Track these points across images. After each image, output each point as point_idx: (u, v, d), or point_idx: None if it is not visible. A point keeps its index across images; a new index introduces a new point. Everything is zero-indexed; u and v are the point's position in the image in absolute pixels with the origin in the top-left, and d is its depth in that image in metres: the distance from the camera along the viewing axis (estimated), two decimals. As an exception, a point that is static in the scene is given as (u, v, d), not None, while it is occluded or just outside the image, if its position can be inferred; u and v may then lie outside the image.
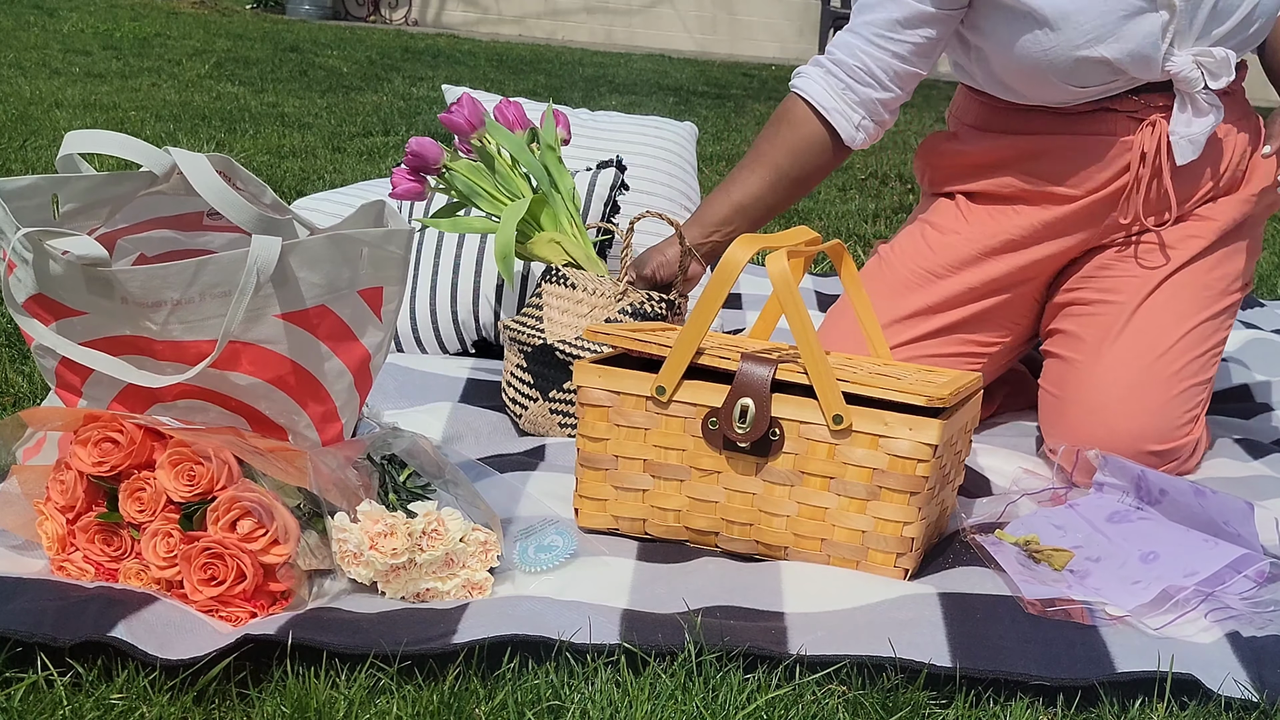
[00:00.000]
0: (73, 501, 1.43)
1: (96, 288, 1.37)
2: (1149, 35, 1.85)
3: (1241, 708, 1.32)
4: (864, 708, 1.30)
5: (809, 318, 1.52)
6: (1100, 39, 1.85)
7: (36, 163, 3.86)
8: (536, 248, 2.03)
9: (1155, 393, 1.91)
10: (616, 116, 2.68)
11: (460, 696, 1.27)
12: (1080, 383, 1.95)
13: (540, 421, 1.99)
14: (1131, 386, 1.91)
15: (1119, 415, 1.90)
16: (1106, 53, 1.86)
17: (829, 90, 1.96)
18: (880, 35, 1.93)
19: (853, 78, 1.95)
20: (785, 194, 2.00)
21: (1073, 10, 1.84)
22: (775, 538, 1.58)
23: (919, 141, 5.82)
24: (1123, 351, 1.94)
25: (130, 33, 7.56)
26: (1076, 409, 1.93)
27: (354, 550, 1.42)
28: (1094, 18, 1.84)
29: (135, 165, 3.96)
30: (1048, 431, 1.99)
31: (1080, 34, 1.85)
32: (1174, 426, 1.91)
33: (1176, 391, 1.92)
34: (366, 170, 4.21)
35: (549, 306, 1.98)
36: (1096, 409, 1.91)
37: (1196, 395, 1.94)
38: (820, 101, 1.96)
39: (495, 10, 11.15)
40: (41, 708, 1.22)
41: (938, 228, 2.07)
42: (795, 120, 1.98)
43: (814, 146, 1.98)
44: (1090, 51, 1.86)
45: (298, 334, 1.42)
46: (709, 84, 7.75)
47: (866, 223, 3.93)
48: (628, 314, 1.96)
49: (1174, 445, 1.91)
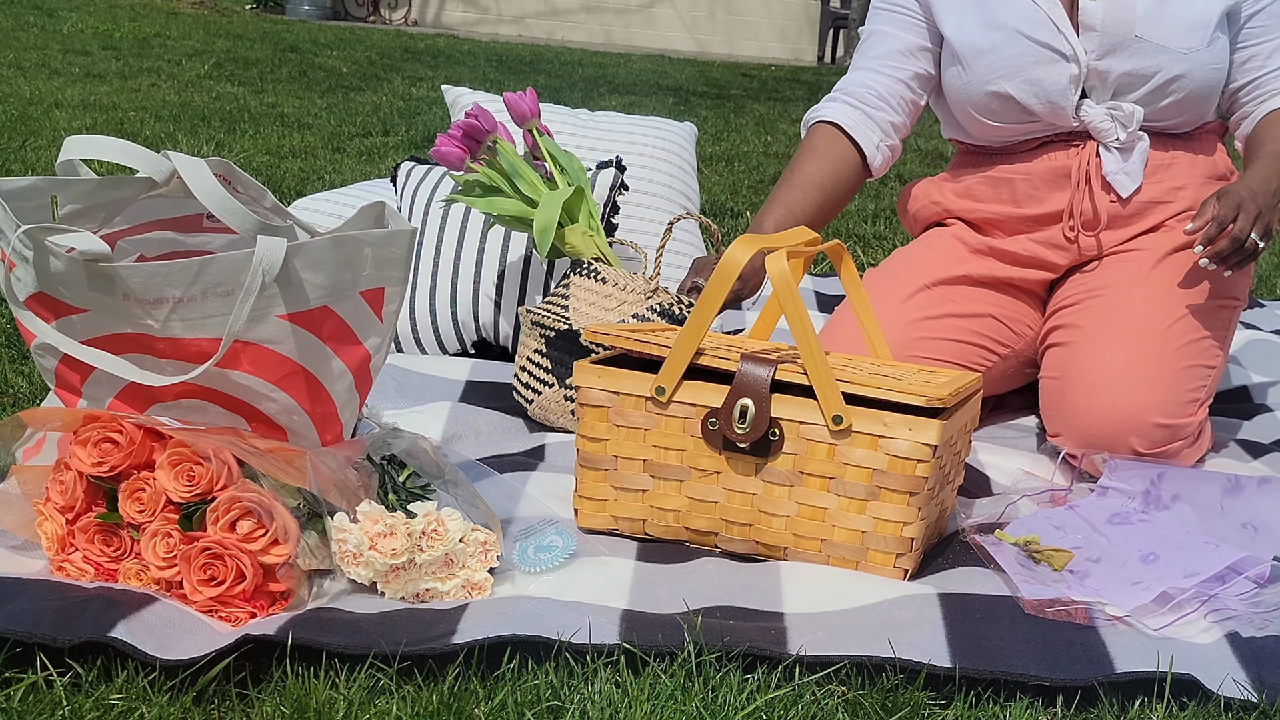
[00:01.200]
0: (72, 502, 1.43)
1: (98, 284, 1.37)
2: (1057, 83, 2.01)
3: (1241, 708, 1.32)
4: (864, 708, 1.30)
5: (809, 318, 1.52)
6: (1007, 77, 2.02)
7: (36, 163, 3.86)
8: (571, 236, 2.07)
9: (1157, 367, 1.92)
10: (616, 117, 2.68)
11: (460, 697, 1.27)
12: (1081, 363, 1.95)
13: (551, 409, 2.00)
14: (1133, 361, 1.92)
15: (1121, 390, 1.91)
16: (1012, 90, 2.02)
17: (850, 116, 2.13)
18: (884, 64, 2.13)
19: (867, 104, 2.13)
20: (825, 214, 2.12)
21: (989, 47, 2.02)
22: (775, 538, 1.58)
23: (918, 142, 5.83)
24: (1121, 330, 1.96)
25: (130, 33, 7.56)
26: (1079, 389, 1.94)
27: (354, 550, 1.42)
28: (1005, 57, 2.02)
29: (134, 170, 3.96)
30: (1050, 418, 1.99)
31: (990, 70, 2.03)
32: (1178, 402, 1.91)
33: (1179, 368, 1.93)
34: (366, 170, 4.21)
35: (576, 298, 2.01)
36: (1099, 386, 1.92)
37: (1200, 376, 1.95)
38: (845, 124, 2.12)
39: (495, 10, 11.15)
40: (41, 708, 1.22)
41: (932, 238, 2.18)
42: (823, 145, 2.12)
43: (847, 166, 2.12)
44: (997, 87, 2.03)
45: (300, 334, 1.42)
46: (709, 84, 7.75)
47: (866, 223, 3.93)
48: (656, 313, 1.98)
49: (1179, 421, 1.91)
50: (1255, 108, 2.07)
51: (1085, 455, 1.92)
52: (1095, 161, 2.05)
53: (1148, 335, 1.94)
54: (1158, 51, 1.98)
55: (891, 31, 2.13)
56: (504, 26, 11.07)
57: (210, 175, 1.40)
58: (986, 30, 2.03)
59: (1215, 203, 1.85)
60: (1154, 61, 1.98)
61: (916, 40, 2.12)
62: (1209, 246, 1.84)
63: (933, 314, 2.06)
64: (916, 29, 2.12)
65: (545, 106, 2.70)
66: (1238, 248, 1.85)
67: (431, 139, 4.99)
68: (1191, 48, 1.98)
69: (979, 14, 2.04)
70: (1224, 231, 1.84)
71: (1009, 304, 2.11)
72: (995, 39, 2.02)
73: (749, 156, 5.18)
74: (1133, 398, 1.90)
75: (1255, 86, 2.06)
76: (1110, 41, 1.98)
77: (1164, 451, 1.91)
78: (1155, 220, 2.08)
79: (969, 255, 2.13)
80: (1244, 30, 2.04)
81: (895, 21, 2.13)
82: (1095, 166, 2.05)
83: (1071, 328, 2.02)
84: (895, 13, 2.14)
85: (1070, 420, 1.94)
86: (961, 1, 2.07)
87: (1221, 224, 1.84)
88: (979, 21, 2.04)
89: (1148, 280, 2.01)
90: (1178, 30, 1.98)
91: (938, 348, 2.04)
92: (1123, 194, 2.04)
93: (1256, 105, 2.07)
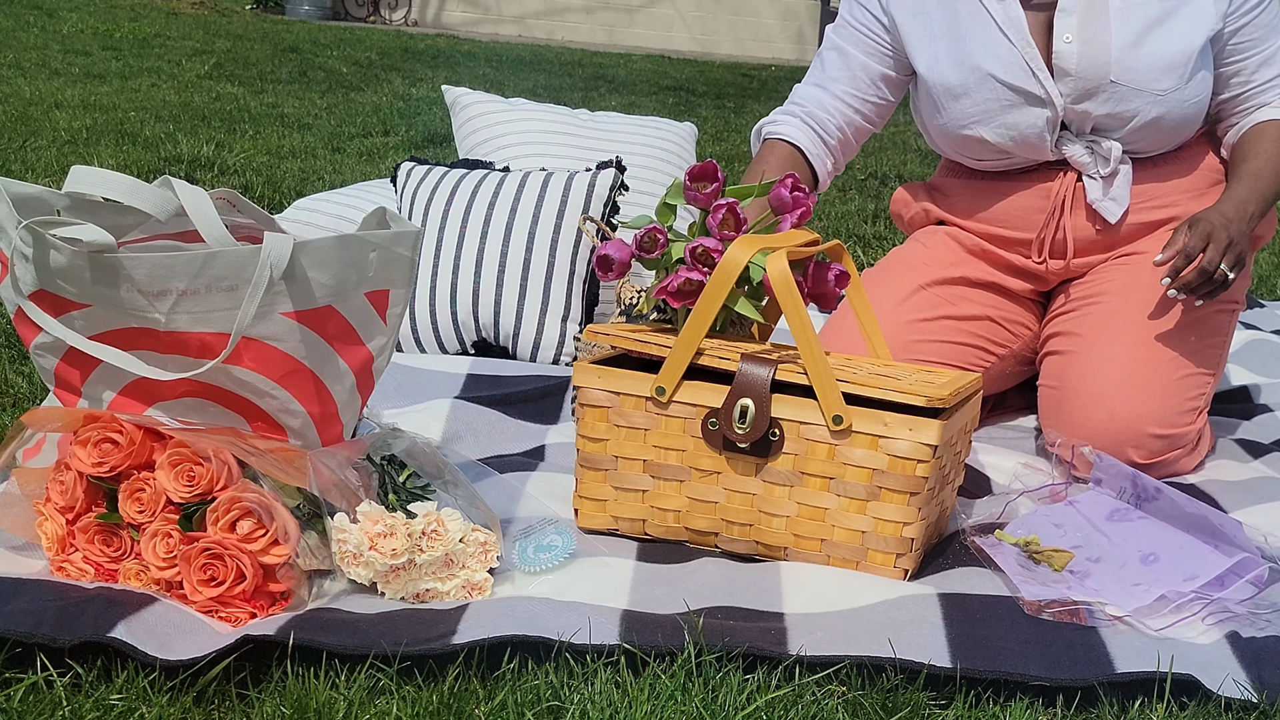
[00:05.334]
0: (72, 502, 1.43)
1: (102, 276, 1.37)
2: (1033, 126, 1.99)
3: (1241, 708, 1.32)
4: (864, 708, 1.30)
5: (809, 318, 1.52)
6: (981, 122, 2.01)
7: (36, 163, 3.86)
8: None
9: (1155, 376, 1.91)
10: (616, 117, 2.68)
11: (460, 697, 1.27)
12: (1079, 372, 1.95)
13: None
14: (1131, 370, 1.92)
15: (1119, 399, 1.90)
16: (987, 135, 2.01)
17: (811, 141, 2.11)
18: (845, 91, 2.11)
19: (825, 130, 2.11)
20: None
21: (962, 90, 2.00)
22: (775, 538, 1.58)
23: (918, 142, 5.83)
24: (1119, 338, 1.95)
25: (130, 33, 7.56)
26: (1077, 398, 1.94)
27: (354, 551, 1.42)
28: (978, 102, 2.00)
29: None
30: (1049, 425, 1.99)
31: (964, 115, 2.01)
32: (1176, 412, 1.91)
33: (1176, 376, 1.92)
34: (366, 170, 4.21)
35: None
36: (1097, 395, 1.92)
37: (1198, 385, 1.94)
38: (806, 149, 2.10)
39: (495, 10, 11.16)
40: (41, 708, 1.22)
41: (926, 236, 2.17)
42: (785, 162, 2.09)
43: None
44: (971, 132, 2.02)
45: (304, 333, 1.42)
46: (709, 84, 7.75)
47: (866, 223, 3.93)
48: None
49: (1177, 431, 1.91)
50: (1241, 119, 2.05)
51: (1074, 448, 1.92)
52: (1077, 188, 2.03)
53: (1145, 344, 1.94)
54: (1134, 95, 1.95)
55: (856, 55, 2.09)
56: (504, 26, 11.06)
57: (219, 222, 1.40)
58: (959, 70, 2.00)
59: (1186, 232, 1.85)
60: (1131, 105, 1.96)
61: (880, 69, 2.09)
62: (1176, 280, 1.85)
63: (929, 315, 2.05)
64: (883, 57, 2.09)
65: (545, 106, 2.70)
66: (1206, 279, 1.84)
67: (432, 139, 4.98)
68: (1169, 88, 1.95)
69: (951, 50, 2.01)
70: (1192, 264, 1.84)
71: (1005, 305, 2.11)
72: (969, 81, 1.99)
73: (749, 157, 5.18)
74: (1130, 408, 1.90)
75: (1242, 100, 2.04)
76: (1085, 86, 1.96)
77: (1162, 461, 1.91)
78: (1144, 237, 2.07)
79: (964, 256, 2.13)
80: (1229, 45, 2.01)
81: (862, 45, 2.09)
82: (1078, 193, 2.03)
83: (1069, 336, 2.02)
84: (864, 36, 2.09)
85: (1068, 430, 1.94)
86: (933, 34, 2.02)
87: (1190, 255, 1.83)
88: (951, 59, 2.00)
89: (1146, 287, 2.00)
90: (1154, 73, 1.95)
91: (935, 350, 2.04)
92: (1110, 220, 2.03)
93: (1242, 117, 2.05)
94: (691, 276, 1.67)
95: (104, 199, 1.47)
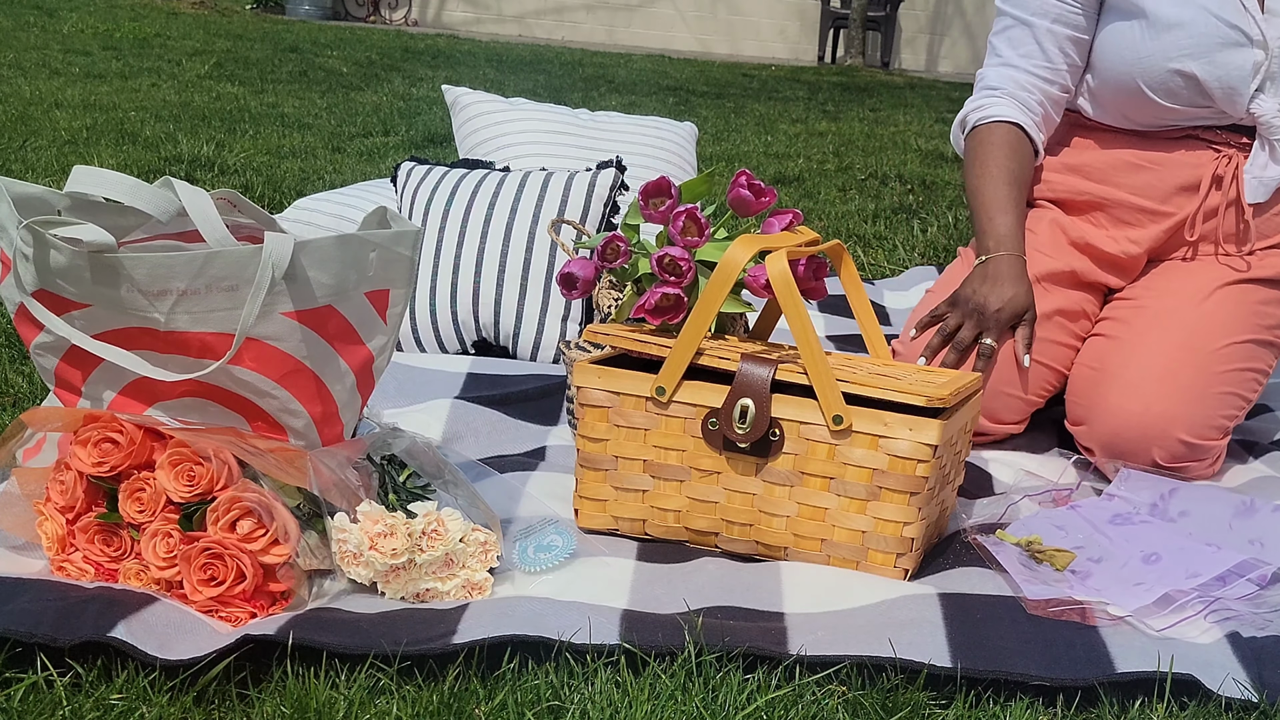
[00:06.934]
0: (72, 502, 1.43)
1: (102, 276, 1.37)
2: (1240, 69, 1.93)
3: (1241, 708, 1.32)
4: (864, 708, 1.30)
5: (809, 318, 1.52)
6: (1194, 56, 1.94)
7: (36, 163, 3.86)
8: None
9: (1196, 382, 1.90)
10: (616, 117, 2.68)
11: (460, 697, 1.27)
12: (1122, 359, 1.94)
13: None
14: (1173, 370, 1.90)
15: (1155, 395, 1.89)
16: (1196, 70, 1.94)
17: (1027, 120, 2.07)
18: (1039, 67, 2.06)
19: (1030, 109, 2.07)
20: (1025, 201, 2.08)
21: (1178, 22, 1.94)
22: (775, 538, 1.58)
23: (918, 142, 5.82)
24: (1170, 336, 1.94)
25: (130, 33, 7.56)
26: (1114, 384, 1.92)
27: (354, 550, 1.42)
28: (1194, 35, 1.94)
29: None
30: (1077, 405, 1.96)
31: (1176, 47, 1.95)
32: (1207, 424, 1.89)
33: (1216, 390, 1.91)
34: (366, 170, 4.21)
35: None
36: (1134, 384, 1.90)
37: (1234, 404, 1.93)
38: (1026, 126, 2.06)
39: (495, 10, 11.15)
40: (41, 708, 1.22)
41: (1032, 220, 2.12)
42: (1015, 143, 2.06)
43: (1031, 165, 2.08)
44: (1182, 65, 1.95)
45: (304, 333, 1.42)
46: (709, 84, 7.75)
47: (866, 223, 3.93)
48: None
49: (1203, 443, 1.89)
50: None
51: (1104, 462, 1.91)
52: (1235, 168, 1.99)
53: (1194, 349, 1.92)
54: None
55: (1042, 24, 2.04)
56: (504, 26, 11.07)
57: (222, 225, 1.40)
58: (1176, 5, 1.95)
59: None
60: None
61: (1067, 32, 2.04)
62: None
63: (1045, 310, 2.02)
64: (1071, 16, 2.03)
65: (545, 106, 2.70)
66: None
67: (432, 139, 4.98)
68: None
69: None
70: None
71: (1097, 303, 2.08)
72: (1185, 15, 1.94)
73: (749, 156, 5.18)
74: (1164, 407, 1.88)
75: None
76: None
77: (1181, 468, 1.90)
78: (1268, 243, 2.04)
79: (1067, 247, 2.08)
80: None
81: (1050, 10, 2.03)
82: (1233, 172, 1.99)
83: (1121, 322, 1.99)
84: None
85: (1097, 414, 1.92)
86: None
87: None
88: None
89: (1210, 298, 1.98)
90: None
91: (1046, 351, 2.01)
92: (1247, 198, 1.99)
93: None
94: (667, 291, 1.68)
95: (105, 199, 1.47)
